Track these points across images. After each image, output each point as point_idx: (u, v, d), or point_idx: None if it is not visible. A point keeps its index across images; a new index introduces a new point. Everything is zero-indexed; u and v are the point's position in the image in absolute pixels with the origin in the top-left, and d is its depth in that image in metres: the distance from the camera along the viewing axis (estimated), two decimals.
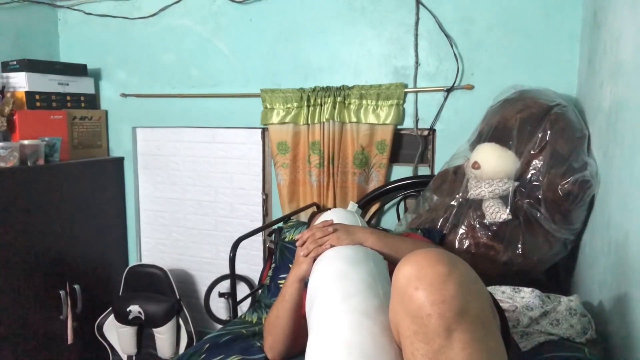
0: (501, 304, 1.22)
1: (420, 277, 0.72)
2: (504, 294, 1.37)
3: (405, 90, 2.07)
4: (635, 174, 1.09)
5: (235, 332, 1.53)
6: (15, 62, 2.36)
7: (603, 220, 1.36)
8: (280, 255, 1.95)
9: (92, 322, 2.49)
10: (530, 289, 1.36)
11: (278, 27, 2.30)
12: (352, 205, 1.49)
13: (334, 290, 0.94)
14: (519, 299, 1.35)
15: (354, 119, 2.12)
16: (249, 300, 2.22)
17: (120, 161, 2.76)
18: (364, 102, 2.10)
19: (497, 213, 1.54)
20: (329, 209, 1.49)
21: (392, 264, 1.18)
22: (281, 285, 1.34)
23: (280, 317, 1.19)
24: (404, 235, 1.45)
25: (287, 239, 1.97)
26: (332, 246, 1.11)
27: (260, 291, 1.98)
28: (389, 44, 2.11)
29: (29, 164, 2.20)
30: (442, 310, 0.69)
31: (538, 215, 1.51)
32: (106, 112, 2.76)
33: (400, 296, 0.74)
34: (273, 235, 2.11)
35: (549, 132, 1.52)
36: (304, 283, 1.17)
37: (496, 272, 1.54)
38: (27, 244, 2.21)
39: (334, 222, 1.20)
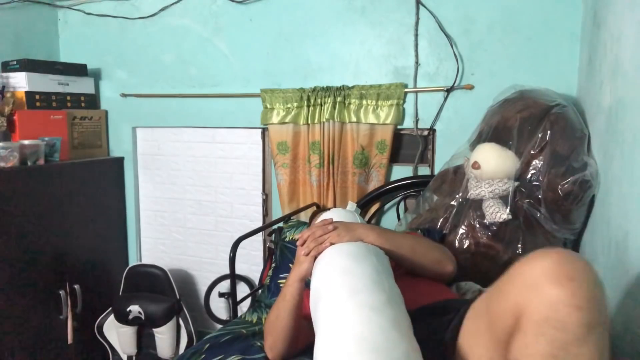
0: None
1: (566, 274, 0.69)
2: None
3: (405, 90, 2.07)
4: (635, 174, 1.09)
5: (235, 332, 1.53)
6: (15, 62, 2.36)
7: (603, 220, 1.36)
8: (280, 255, 1.96)
9: (92, 322, 2.49)
10: None
11: (278, 27, 2.30)
12: (351, 205, 1.49)
13: (340, 286, 0.93)
14: None
15: (354, 119, 2.12)
16: (249, 300, 2.22)
17: (120, 161, 2.76)
18: (364, 102, 2.10)
19: (497, 213, 1.54)
20: (329, 209, 1.49)
21: (393, 259, 1.18)
22: (281, 285, 1.34)
23: (281, 317, 1.19)
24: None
25: (287, 239, 1.97)
26: (332, 244, 1.11)
27: (260, 291, 1.98)
28: (389, 44, 2.11)
29: (29, 164, 2.20)
30: (588, 307, 0.67)
31: (538, 215, 1.51)
32: (106, 112, 2.76)
33: (533, 284, 0.72)
34: (273, 235, 2.11)
35: (549, 132, 1.52)
36: (305, 283, 1.17)
37: (496, 272, 1.54)
38: (27, 244, 2.21)
39: (334, 220, 1.20)
